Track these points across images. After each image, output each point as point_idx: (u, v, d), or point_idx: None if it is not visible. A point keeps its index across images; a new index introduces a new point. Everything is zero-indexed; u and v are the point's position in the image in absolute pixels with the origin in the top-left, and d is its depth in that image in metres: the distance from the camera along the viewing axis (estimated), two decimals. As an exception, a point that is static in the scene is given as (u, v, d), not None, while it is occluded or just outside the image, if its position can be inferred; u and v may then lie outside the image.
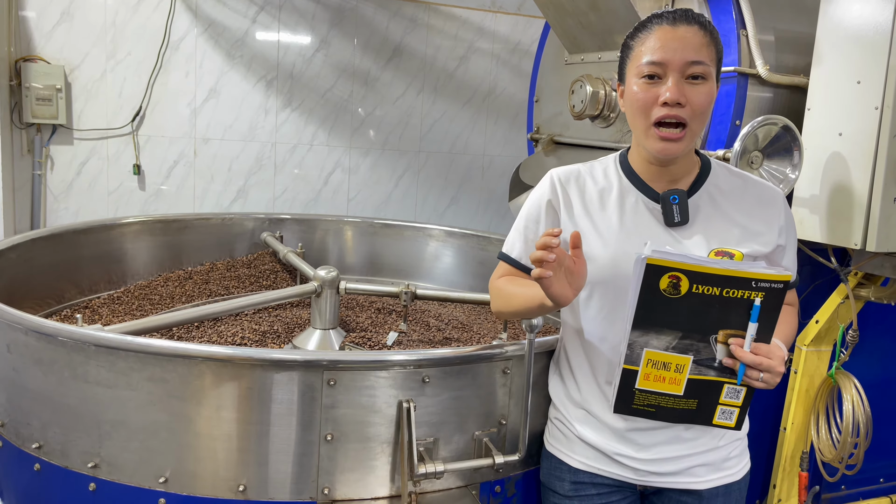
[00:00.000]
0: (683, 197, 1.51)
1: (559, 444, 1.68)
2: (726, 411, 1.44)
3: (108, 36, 3.79)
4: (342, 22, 4.18)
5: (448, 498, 1.72)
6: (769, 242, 1.54)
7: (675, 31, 1.43)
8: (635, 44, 1.49)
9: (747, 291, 1.33)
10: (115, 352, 1.62)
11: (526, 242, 1.64)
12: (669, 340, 1.38)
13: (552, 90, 3.05)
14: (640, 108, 1.46)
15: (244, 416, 1.61)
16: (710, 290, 1.33)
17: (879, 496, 2.77)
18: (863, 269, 2.23)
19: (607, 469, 1.60)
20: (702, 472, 1.59)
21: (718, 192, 1.56)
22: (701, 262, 1.32)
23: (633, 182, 1.57)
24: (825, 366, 2.39)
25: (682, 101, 1.42)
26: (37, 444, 1.74)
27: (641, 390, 1.42)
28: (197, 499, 1.63)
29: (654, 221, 1.53)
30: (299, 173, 4.24)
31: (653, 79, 1.45)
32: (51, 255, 2.67)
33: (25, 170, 3.74)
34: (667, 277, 1.32)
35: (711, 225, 1.53)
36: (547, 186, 1.61)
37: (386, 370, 1.65)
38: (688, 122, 1.44)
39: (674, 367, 1.40)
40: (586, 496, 1.63)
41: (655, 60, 1.43)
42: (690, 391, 1.42)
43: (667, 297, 1.33)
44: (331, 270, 2.47)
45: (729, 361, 1.38)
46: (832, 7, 2.07)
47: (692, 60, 1.42)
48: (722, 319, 1.36)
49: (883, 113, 1.94)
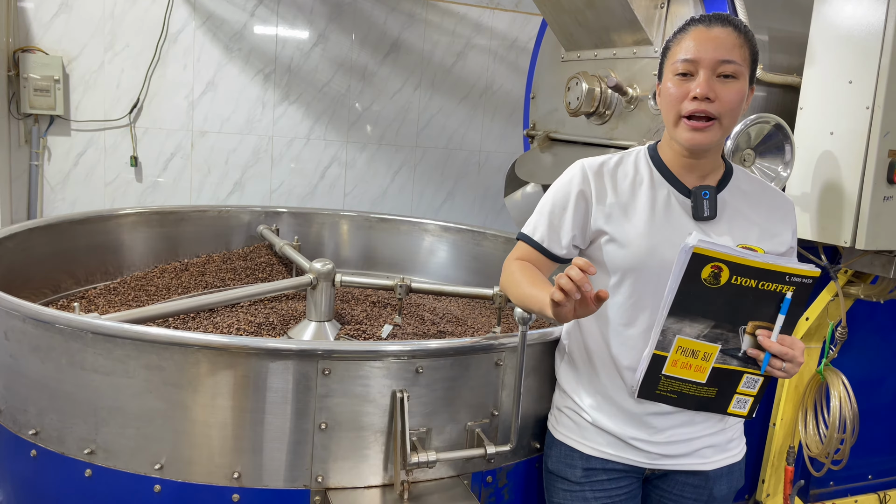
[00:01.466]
0: (714, 192, 1.57)
1: (570, 432, 1.71)
2: (742, 400, 1.51)
3: (106, 27, 3.79)
4: (340, 16, 4.19)
5: (440, 487, 1.74)
6: (784, 243, 1.63)
7: (709, 32, 1.50)
8: (673, 44, 1.56)
9: (780, 285, 1.39)
10: (112, 339, 1.63)
11: (550, 227, 1.66)
12: (702, 329, 1.43)
13: (548, 87, 3.07)
14: (673, 101, 1.53)
15: (239, 404, 1.63)
16: (747, 281, 1.39)
17: (867, 492, 2.80)
18: (852, 267, 2.26)
19: (621, 454, 1.65)
20: (709, 454, 1.66)
21: (741, 194, 1.63)
22: (743, 254, 1.38)
23: (664, 175, 1.62)
24: (815, 362, 2.42)
25: (711, 97, 1.48)
26: (34, 431, 1.76)
27: (667, 376, 1.47)
28: (192, 485, 1.65)
29: (683, 214, 1.59)
30: (296, 167, 4.25)
31: (686, 76, 1.51)
32: (47, 245, 2.68)
33: (23, 160, 3.74)
34: (709, 267, 1.37)
35: (736, 221, 1.60)
36: (578, 176, 1.64)
37: (380, 360, 1.67)
38: (717, 117, 1.50)
39: (701, 355, 1.45)
40: (597, 482, 1.67)
41: (688, 58, 1.50)
42: (712, 379, 1.48)
43: (706, 287, 1.39)
44: (326, 263, 2.49)
45: (754, 352, 1.44)
46: (825, 8, 2.09)
47: (723, 59, 1.48)
48: (753, 311, 1.42)
49: (874, 113, 1.97)
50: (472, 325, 2.71)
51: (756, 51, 1.55)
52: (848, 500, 2.75)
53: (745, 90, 1.53)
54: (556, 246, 1.65)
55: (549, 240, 1.65)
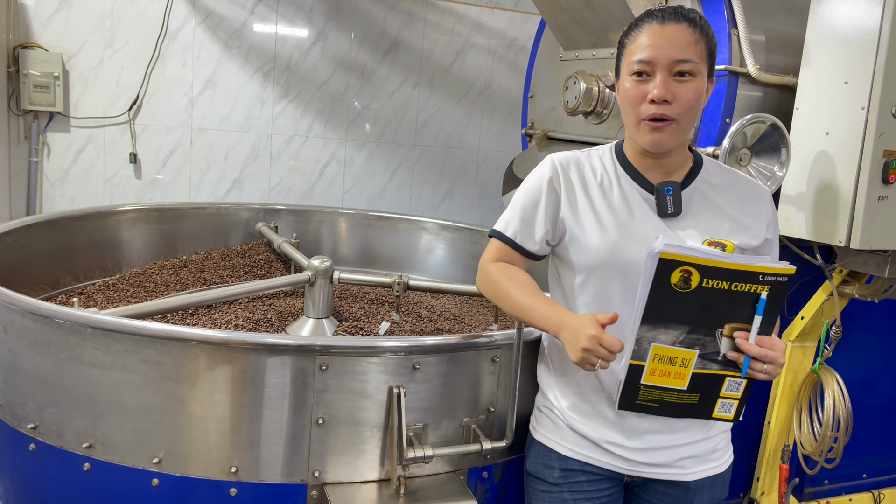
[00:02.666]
0: (677, 189, 1.55)
1: (548, 432, 1.69)
2: (726, 404, 1.47)
3: (105, 24, 3.80)
4: (339, 15, 4.19)
5: (436, 483, 1.75)
6: (758, 236, 1.59)
7: (663, 30, 1.47)
8: (628, 41, 1.54)
9: (754, 285, 1.35)
10: (110, 334, 1.64)
11: (523, 222, 1.65)
12: (677, 335, 1.39)
13: (547, 86, 3.08)
14: (631, 104, 1.51)
15: (237, 399, 1.64)
16: (719, 284, 1.34)
17: (862, 491, 2.82)
18: (847, 267, 2.27)
19: (597, 458, 1.62)
20: (690, 465, 1.61)
21: (710, 187, 1.60)
22: (712, 256, 1.34)
23: (629, 172, 1.60)
24: (809, 361, 2.43)
25: (668, 99, 1.46)
26: (32, 425, 1.77)
27: (647, 386, 1.43)
28: (190, 479, 1.66)
29: (649, 211, 1.56)
30: (295, 165, 4.26)
31: (642, 76, 1.49)
32: (46, 241, 2.69)
33: (22, 156, 3.75)
34: (678, 272, 1.34)
35: (703, 217, 1.57)
36: (549, 170, 1.63)
37: (377, 356, 1.68)
38: (675, 119, 1.48)
39: (679, 362, 1.41)
40: (575, 482, 1.64)
41: (644, 59, 1.48)
42: (693, 385, 1.43)
43: (677, 292, 1.35)
44: (325, 260, 2.50)
45: (733, 355, 1.41)
46: (821, 9, 2.10)
47: (679, 59, 1.46)
48: (729, 313, 1.38)
49: (869, 113, 1.98)
50: (469, 323, 2.72)
51: (713, 44, 1.53)
52: (842, 498, 2.76)
53: (704, 87, 1.51)
54: (529, 242, 1.64)
55: (523, 235, 1.65)
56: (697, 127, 2.29)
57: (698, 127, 2.29)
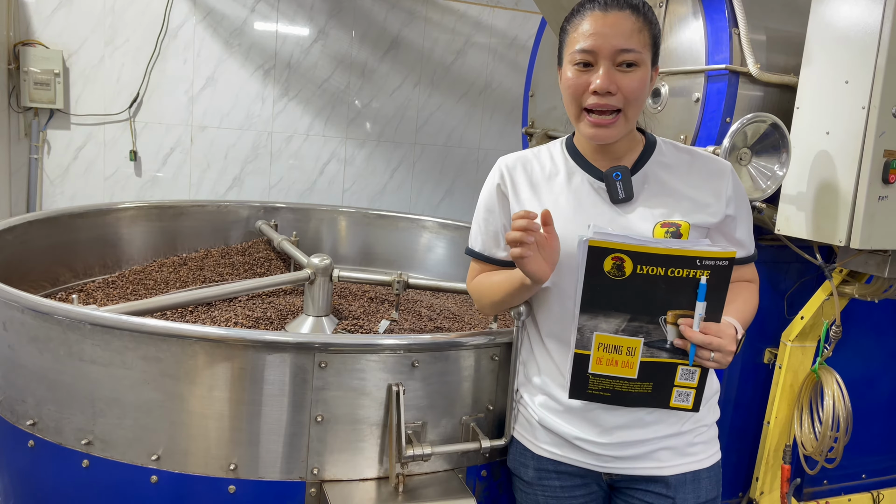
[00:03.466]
0: (626, 173, 1.51)
1: (523, 430, 1.67)
2: (682, 393, 1.42)
3: (106, 22, 3.80)
4: (340, 13, 4.19)
5: (435, 480, 1.75)
6: (717, 213, 1.53)
7: (605, 18, 1.43)
8: (570, 28, 1.49)
9: (692, 270, 1.31)
10: (110, 331, 1.64)
11: (486, 234, 1.65)
12: (618, 323, 1.36)
13: (547, 85, 3.08)
14: (572, 94, 1.47)
15: (236, 396, 1.64)
16: (654, 270, 1.31)
17: (861, 491, 2.81)
18: (847, 266, 2.27)
19: (569, 456, 1.58)
20: (666, 457, 1.55)
21: (663, 168, 1.56)
22: (643, 242, 1.31)
23: (578, 162, 1.58)
24: (809, 361, 2.43)
25: (612, 90, 1.42)
26: (31, 421, 1.77)
27: (595, 375, 1.40)
28: (188, 476, 1.66)
29: (600, 200, 1.53)
30: (295, 163, 4.26)
31: (585, 66, 1.45)
32: (46, 238, 2.69)
33: (22, 153, 3.75)
34: (610, 259, 1.31)
35: (657, 199, 1.53)
36: (496, 175, 1.63)
37: (376, 354, 1.68)
38: (621, 109, 1.44)
39: (625, 350, 1.38)
40: (549, 486, 1.62)
41: (586, 48, 1.43)
42: (644, 374, 1.40)
43: (612, 280, 1.32)
44: (324, 258, 2.50)
45: (680, 342, 1.36)
46: (822, 8, 2.10)
47: (622, 48, 1.42)
48: (670, 300, 1.34)
49: (869, 113, 1.97)
50: (468, 322, 2.72)
51: (657, 31, 1.48)
52: (841, 498, 2.76)
53: (648, 76, 1.46)
54: (496, 250, 1.65)
55: (489, 246, 1.65)
56: (698, 126, 2.29)
57: (699, 126, 2.29)
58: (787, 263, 2.43)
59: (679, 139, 2.30)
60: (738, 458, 2.52)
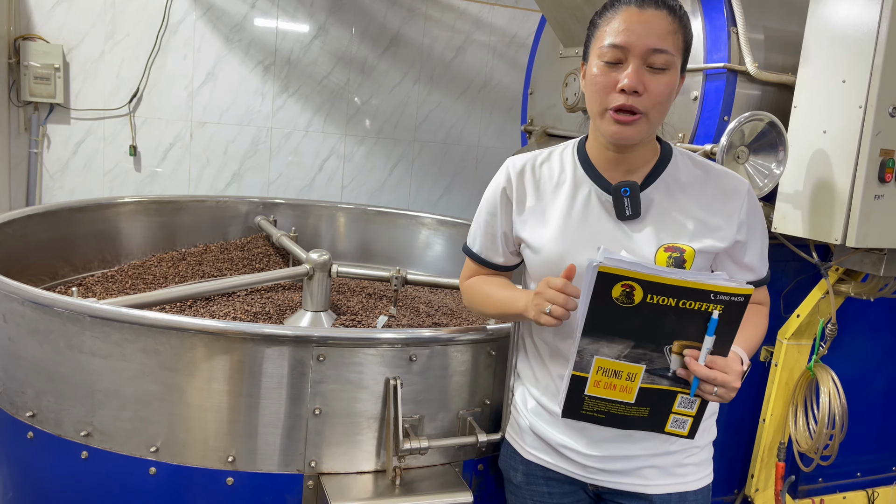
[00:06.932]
0: (635, 189, 1.44)
1: (514, 433, 1.66)
2: (679, 420, 1.38)
3: (107, 16, 3.80)
4: (340, 10, 4.20)
5: (432, 474, 1.76)
6: (727, 237, 1.46)
7: (641, 15, 1.35)
8: (601, 22, 1.41)
9: (705, 304, 1.25)
10: (109, 323, 1.65)
11: (485, 236, 1.62)
12: (621, 349, 1.30)
13: (546, 83, 3.08)
14: (598, 91, 1.39)
15: (235, 389, 1.65)
16: (665, 300, 1.25)
17: (856, 489, 2.82)
18: (843, 265, 2.28)
19: (556, 463, 1.56)
20: (652, 476, 1.51)
21: (676, 184, 1.48)
22: (657, 272, 1.24)
23: (588, 172, 1.50)
24: (805, 359, 2.44)
25: (639, 90, 1.35)
26: (31, 413, 1.78)
27: (591, 397, 1.35)
28: (187, 468, 1.67)
29: (605, 214, 1.47)
30: (294, 159, 4.27)
31: (614, 63, 1.37)
32: (46, 232, 2.70)
33: (22, 148, 3.75)
34: (620, 286, 1.24)
35: (665, 219, 1.46)
36: (502, 178, 1.58)
37: (374, 348, 1.69)
38: (645, 112, 1.37)
39: (625, 376, 1.32)
40: (537, 491, 1.60)
41: (617, 44, 1.36)
42: (642, 399, 1.35)
43: (619, 306, 1.26)
44: (323, 254, 2.51)
45: (683, 373, 1.31)
46: (820, 8, 2.11)
47: (655, 48, 1.35)
48: (677, 330, 1.29)
49: (866, 112, 1.98)
50: (466, 318, 2.73)
51: (690, 37, 1.41)
52: (836, 496, 2.77)
53: (676, 81, 1.39)
54: (495, 255, 1.63)
55: (488, 250, 1.63)
56: (696, 124, 2.30)
57: (696, 124, 2.30)
58: (784, 262, 2.44)
59: (677, 137, 2.31)
60: (733, 455, 2.53)
